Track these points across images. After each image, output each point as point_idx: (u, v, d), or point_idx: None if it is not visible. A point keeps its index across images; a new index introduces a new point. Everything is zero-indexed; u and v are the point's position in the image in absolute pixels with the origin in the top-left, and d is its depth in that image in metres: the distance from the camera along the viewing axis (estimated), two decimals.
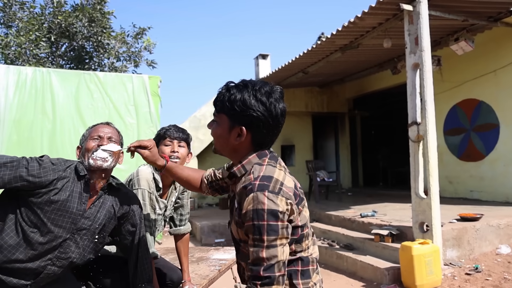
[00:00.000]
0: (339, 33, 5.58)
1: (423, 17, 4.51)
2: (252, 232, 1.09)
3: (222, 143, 1.26)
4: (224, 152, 1.29)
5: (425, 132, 4.45)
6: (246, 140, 1.22)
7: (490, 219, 4.97)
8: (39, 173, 1.54)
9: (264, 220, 1.07)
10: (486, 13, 5.42)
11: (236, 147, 1.24)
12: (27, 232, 1.53)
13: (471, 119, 7.15)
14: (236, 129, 1.20)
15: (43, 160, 1.59)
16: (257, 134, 1.21)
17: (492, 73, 6.69)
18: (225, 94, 1.22)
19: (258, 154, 1.24)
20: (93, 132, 1.74)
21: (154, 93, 5.83)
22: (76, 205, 1.60)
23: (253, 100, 1.18)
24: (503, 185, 6.57)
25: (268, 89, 1.20)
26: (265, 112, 1.18)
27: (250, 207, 1.09)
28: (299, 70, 7.84)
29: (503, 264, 4.37)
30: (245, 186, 1.15)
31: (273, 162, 1.23)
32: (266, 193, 1.09)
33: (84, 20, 8.25)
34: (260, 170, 1.17)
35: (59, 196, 1.56)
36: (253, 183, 1.12)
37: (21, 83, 4.92)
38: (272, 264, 1.07)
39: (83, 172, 1.64)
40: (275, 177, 1.15)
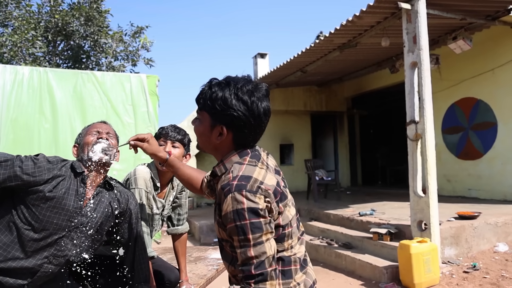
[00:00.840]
0: (338, 32, 5.58)
1: (421, 16, 4.51)
2: (237, 233, 1.08)
3: (204, 141, 1.25)
4: (206, 150, 1.27)
5: (423, 131, 4.45)
6: (227, 139, 1.20)
7: (488, 217, 4.98)
8: (34, 172, 1.53)
9: (246, 219, 1.06)
10: (484, 12, 5.43)
11: (218, 146, 1.22)
12: (21, 229, 1.52)
13: (469, 117, 7.16)
14: (217, 128, 1.19)
15: (38, 159, 1.58)
16: (238, 133, 1.19)
17: (490, 71, 6.69)
18: (207, 92, 1.19)
19: (239, 153, 1.21)
20: (90, 129, 1.75)
21: (152, 92, 5.82)
22: (72, 203, 1.60)
23: (234, 99, 1.15)
24: (500, 183, 6.59)
25: (251, 87, 1.17)
26: (246, 111, 1.15)
27: (229, 209, 1.08)
28: (297, 69, 7.84)
29: (501, 262, 4.38)
30: (223, 186, 1.13)
31: (254, 161, 1.20)
32: (243, 193, 1.08)
33: (81, 19, 8.23)
34: (239, 170, 1.15)
35: (54, 194, 1.55)
36: (231, 184, 1.11)
37: (18, 82, 4.91)
38: (262, 260, 1.06)
39: (80, 169, 1.63)
40: (254, 177, 1.13)
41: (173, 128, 2.03)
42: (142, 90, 5.73)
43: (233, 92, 1.16)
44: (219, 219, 1.16)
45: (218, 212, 1.16)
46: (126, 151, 5.65)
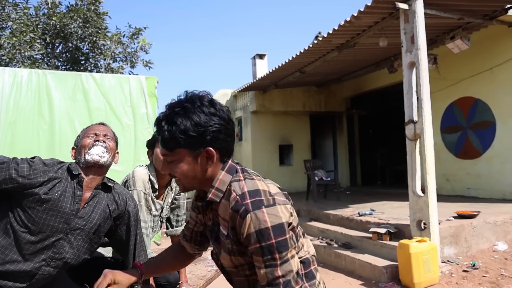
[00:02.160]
0: (336, 32, 5.59)
1: (418, 16, 4.52)
2: (261, 254, 1.05)
3: (193, 177, 1.16)
4: (196, 185, 1.20)
5: (422, 131, 4.46)
6: (217, 159, 1.16)
7: (487, 216, 4.99)
8: (29, 175, 1.52)
9: (272, 239, 1.03)
10: (482, 11, 5.44)
11: (208, 173, 1.16)
12: (18, 232, 1.52)
13: (467, 117, 7.17)
14: (202, 155, 1.13)
15: (34, 161, 1.58)
16: (223, 146, 1.16)
17: (488, 71, 6.71)
18: (171, 130, 1.11)
19: (227, 170, 1.18)
20: (88, 131, 1.74)
21: (151, 94, 5.83)
22: (68, 205, 1.59)
23: (203, 116, 1.11)
24: (499, 182, 6.60)
25: (207, 99, 1.15)
26: (220, 120, 1.13)
27: (252, 230, 1.04)
28: (296, 69, 7.85)
29: (500, 260, 4.39)
30: (236, 209, 1.07)
31: (248, 175, 1.17)
32: (263, 210, 1.05)
33: (79, 21, 8.24)
34: (241, 187, 1.11)
35: (50, 196, 1.55)
36: (245, 203, 1.06)
37: (16, 84, 4.91)
38: (289, 279, 1.05)
39: (77, 171, 1.63)
40: (261, 189, 1.10)
41: None
42: (141, 91, 5.74)
43: (199, 112, 1.11)
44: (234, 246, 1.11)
45: (233, 238, 1.11)
46: (126, 153, 5.64)
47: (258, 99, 10.12)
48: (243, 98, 11.01)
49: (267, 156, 10.48)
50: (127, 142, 5.31)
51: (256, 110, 10.18)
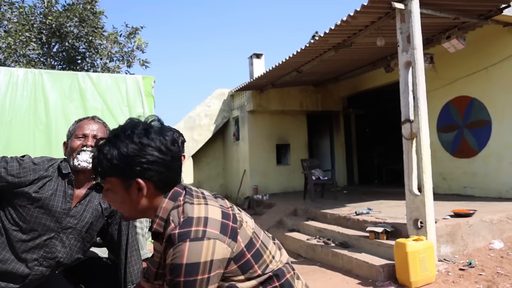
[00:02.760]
0: (332, 32, 5.60)
1: (414, 16, 4.54)
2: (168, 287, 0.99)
3: (128, 208, 1.10)
4: (136, 215, 1.13)
5: (418, 130, 4.48)
6: (150, 190, 1.07)
7: (483, 215, 5.01)
8: (19, 173, 1.52)
9: (181, 277, 0.96)
10: (477, 11, 5.47)
11: (144, 204, 1.08)
12: (9, 230, 1.52)
13: (463, 116, 7.21)
14: (133, 186, 1.05)
15: (23, 160, 1.57)
16: (158, 178, 1.06)
17: (483, 70, 6.74)
18: (100, 158, 1.06)
19: (170, 197, 1.10)
20: (78, 129, 1.69)
21: (148, 93, 5.82)
22: (60, 204, 1.58)
23: (132, 146, 1.04)
24: (495, 181, 6.64)
25: (142, 127, 1.08)
26: (153, 151, 1.05)
27: (169, 261, 0.98)
28: (293, 69, 7.86)
29: (496, 259, 4.41)
30: (166, 239, 1.01)
31: (189, 198, 1.09)
32: (186, 243, 0.97)
33: (75, 20, 8.22)
34: (178, 215, 1.04)
35: (40, 195, 1.54)
36: (172, 233, 0.99)
37: (12, 84, 4.90)
38: None
39: (67, 170, 1.61)
40: (195, 217, 1.02)
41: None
42: (138, 91, 5.73)
43: (127, 141, 1.04)
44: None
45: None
46: None
47: (255, 98, 10.13)
48: (240, 97, 11.01)
49: (264, 156, 10.49)
50: None
51: (253, 109, 10.19)
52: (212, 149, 12.06)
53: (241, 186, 10.80)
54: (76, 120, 1.76)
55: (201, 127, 11.30)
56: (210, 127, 11.46)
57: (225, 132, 12.08)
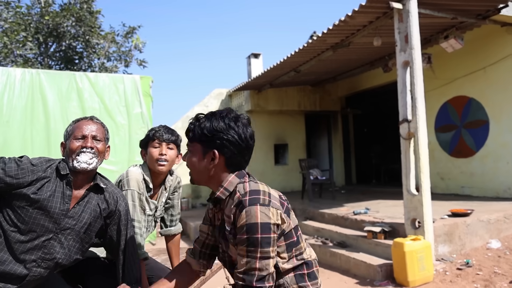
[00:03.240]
0: (330, 32, 5.60)
1: (412, 15, 4.54)
2: (246, 244, 1.16)
3: (198, 170, 1.32)
4: (202, 180, 1.34)
5: (416, 130, 4.48)
6: (220, 163, 1.29)
7: (481, 215, 5.02)
8: (17, 174, 1.51)
9: (258, 233, 1.15)
10: (475, 11, 5.47)
11: (212, 173, 1.31)
12: (7, 231, 1.51)
13: (461, 116, 7.22)
14: (209, 154, 1.29)
15: (21, 161, 1.55)
16: (229, 155, 1.29)
17: (481, 70, 6.75)
18: (195, 124, 1.31)
19: (237, 174, 1.31)
20: (76, 130, 1.66)
21: (146, 93, 5.81)
22: (58, 205, 1.57)
23: (222, 124, 1.28)
24: (493, 180, 6.65)
25: (234, 115, 1.32)
26: (234, 134, 1.28)
27: (243, 222, 1.17)
28: (291, 69, 7.85)
29: (494, 258, 4.42)
30: (236, 204, 1.22)
31: (253, 179, 1.32)
32: (258, 207, 1.18)
33: (72, 20, 8.19)
34: (245, 187, 1.26)
35: (39, 196, 1.53)
36: (243, 199, 1.20)
37: (9, 84, 4.88)
38: (264, 276, 1.16)
39: (65, 171, 1.60)
40: (261, 190, 1.24)
41: (166, 130, 2.00)
42: (135, 91, 5.71)
43: (220, 120, 1.29)
44: (234, 239, 1.23)
45: (233, 232, 1.23)
46: (120, 152, 5.58)
47: (253, 98, 10.12)
48: (238, 97, 11.00)
49: (262, 156, 10.48)
50: (121, 141, 5.29)
51: (251, 109, 10.18)
52: None
53: None
54: (74, 120, 1.73)
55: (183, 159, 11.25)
56: None
57: None
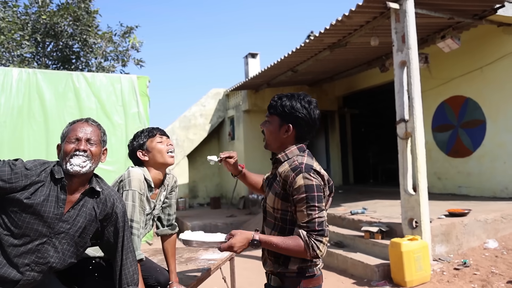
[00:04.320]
0: (327, 32, 5.59)
1: (409, 15, 4.55)
2: (306, 201, 1.47)
3: (273, 138, 1.66)
4: (273, 146, 1.68)
5: (413, 129, 4.49)
6: (291, 135, 1.61)
7: (478, 214, 5.03)
8: (10, 179, 1.48)
9: (315, 192, 1.48)
10: (471, 11, 5.48)
11: (283, 141, 1.63)
12: (1, 235, 1.50)
13: (458, 115, 7.23)
14: (284, 127, 1.60)
15: (15, 165, 1.53)
16: (300, 130, 1.61)
17: (478, 70, 6.77)
18: (277, 101, 1.62)
19: (298, 147, 1.63)
20: (71, 132, 1.64)
21: (143, 93, 5.79)
22: (52, 209, 1.55)
23: (299, 104, 1.58)
24: (490, 180, 6.66)
25: (309, 99, 1.62)
26: (307, 114, 1.58)
27: (302, 183, 1.48)
28: (288, 68, 7.85)
29: (491, 258, 4.43)
30: (293, 168, 1.53)
31: (310, 156, 1.62)
32: (312, 173, 1.50)
33: (69, 19, 8.16)
34: (302, 159, 1.57)
35: (32, 201, 1.51)
36: (300, 166, 1.52)
37: (6, 84, 4.85)
38: (322, 221, 1.48)
39: (59, 175, 1.57)
40: (314, 164, 1.56)
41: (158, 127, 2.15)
42: (132, 91, 5.70)
43: (297, 101, 1.59)
44: (282, 191, 1.55)
45: (282, 186, 1.55)
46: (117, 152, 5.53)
47: (251, 98, 10.12)
48: (235, 97, 10.99)
49: (259, 155, 10.46)
50: (118, 141, 5.27)
51: (249, 109, 10.17)
52: (208, 149, 12.02)
53: (236, 186, 10.78)
54: (70, 122, 1.71)
55: (196, 126, 11.27)
56: (205, 126, 11.43)
57: (220, 132, 12.06)
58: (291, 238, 1.51)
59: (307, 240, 1.47)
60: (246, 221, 8.17)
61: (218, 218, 8.58)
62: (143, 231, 2.02)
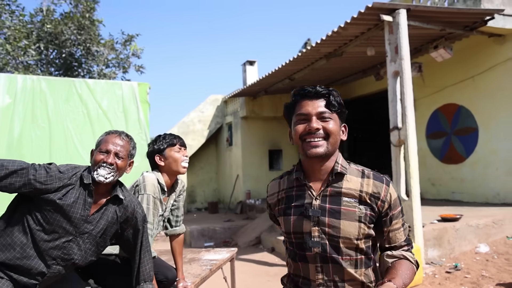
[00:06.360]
0: (324, 42, 5.77)
1: (402, 28, 4.72)
2: (402, 215, 1.30)
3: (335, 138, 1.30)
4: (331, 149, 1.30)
5: (406, 137, 4.65)
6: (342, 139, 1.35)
7: (470, 219, 5.18)
8: (46, 181, 1.65)
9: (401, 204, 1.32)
10: (462, 23, 5.67)
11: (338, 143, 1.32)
12: (34, 230, 1.66)
13: (451, 123, 7.41)
14: (341, 127, 1.34)
15: (50, 168, 1.69)
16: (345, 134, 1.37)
17: (470, 79, 6.96)
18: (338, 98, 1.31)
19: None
20: (103, 143, 1.79)
21: (143, 99, 5.92)
22: (79, 211, 1.72)
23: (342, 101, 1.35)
24: (482, 186, 6.83)
25: None
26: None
27: (396, 195, 1.29)
28: (285, 76, 8.02)
29: (482, 262, 4.57)
30: (379, 178, 1.30)
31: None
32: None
33: (73, 28, 8.33)
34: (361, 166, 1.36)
35: (63, 202, 1.68)
36: (382, 175, 1.32)
37: (11, 90, 4.98)
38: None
39: (88, 181, 1.73)
40: None
41: (179, 137, 2.28)
42: (133, 97, 5.83)
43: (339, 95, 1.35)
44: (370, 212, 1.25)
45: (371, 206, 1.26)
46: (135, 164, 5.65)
47: (248, 104, 10.28)
48: (233, 103, 11.15)
49: (257, 161, 10.62)
50: None
51: (246, 115, 10.33)
52: (206, 154, 12.17)
53: (234, 191, 10.91)
54: (106, 132, 1.85)
55: (195, 132, 11.41)
56: (203, 132, 11.57)
57: (218, 138, 12.21)
58: (403, 266, 1.24)
59: (416, 261, 1.28)
60: (243, 225, 8.29)
61: (216, 223, 8.70)
62: (155, 231, 2.17)
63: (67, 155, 4.51)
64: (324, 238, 1.25)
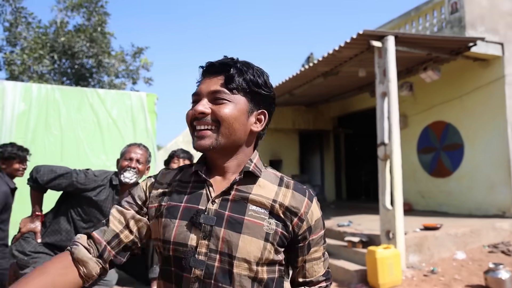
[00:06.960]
0: (321, 62, 6.27)
1: (390, 53, 5.21)
2: (323, 242, 1.01)
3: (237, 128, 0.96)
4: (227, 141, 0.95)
5: (391, 152, 5.12)
6: (258, 131, 1.03)
7: (449, 229, 5.63)
8: (84, 182, 2.15)
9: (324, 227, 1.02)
10: (448, 48, 6.16)
11: (246, 138, 1.00)
12: (75, 220, 2.16)
13: (440, 139, 7.88)
14: (255, 113, 1.00)
15: (88, 173, 2.21)
16: (267, 123, 1.06)
17: (458, 98, 7.44)
18: (243, 71, 0.96)
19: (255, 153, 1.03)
20: (127, 153, 2.29)
21: (151, 110, 6.41)
22: (109, 205, 2.22)
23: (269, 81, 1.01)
24: (467, 199, 7.27)
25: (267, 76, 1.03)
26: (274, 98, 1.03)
27: (319, 214, 0.98)
28: (285, 91, 8.51)
29: (457, 267, 5.01)
30: (300, 190, 0.99)
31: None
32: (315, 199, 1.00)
33: (85, 40, 8.88)
34: (280, 173, 1.05)
35: (97, 198, 2.18)
36: (305, 187, 1.00)
37: (27, 98, 5.42)
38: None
39: (116, 182, 2.24)
40: None
41: (183, 150, 2.80)
42: (141, 107, 6.30)
43: (263, 74, 1.00)
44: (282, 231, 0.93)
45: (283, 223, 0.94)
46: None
47: None
48: None
49: None
50: None
51: None
52: None
53: None
54: (128, 144, 2.37)
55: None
56: None
57: None
58: None
59: None
60: None
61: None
62: None
63: (78, 162, 4.79)
64: (212, 258, 0.89)
